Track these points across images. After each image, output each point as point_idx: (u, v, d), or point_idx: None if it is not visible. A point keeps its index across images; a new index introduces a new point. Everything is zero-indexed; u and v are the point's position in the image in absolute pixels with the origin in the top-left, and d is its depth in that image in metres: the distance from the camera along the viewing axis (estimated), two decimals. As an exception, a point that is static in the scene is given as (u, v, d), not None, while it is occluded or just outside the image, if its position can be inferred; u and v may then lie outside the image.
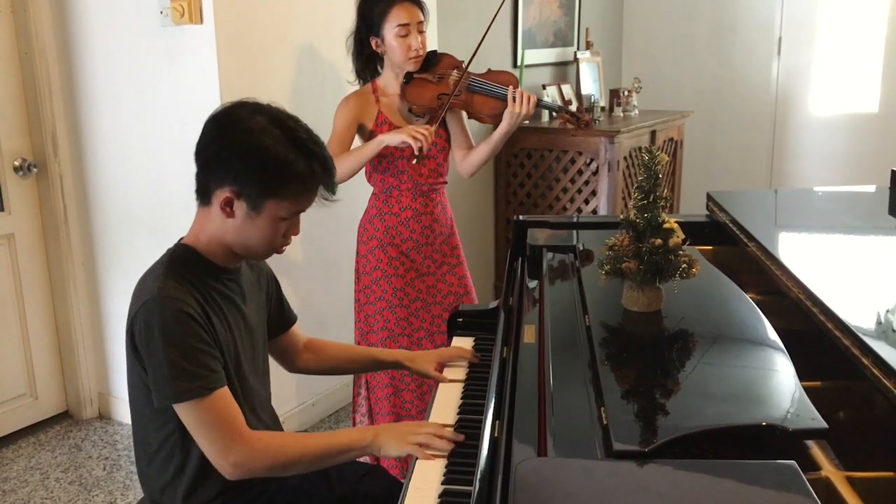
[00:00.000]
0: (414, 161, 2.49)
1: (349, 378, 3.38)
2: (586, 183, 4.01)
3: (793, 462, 0.96)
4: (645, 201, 1.43)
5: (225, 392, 1.47)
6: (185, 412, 1.45)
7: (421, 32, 2.52)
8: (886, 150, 4.82)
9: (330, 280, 3.34)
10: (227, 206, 1.49)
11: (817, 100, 5.10)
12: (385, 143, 2.46)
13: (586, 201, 4.03)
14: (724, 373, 1.24)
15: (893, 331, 1.26)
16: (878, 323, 1.31)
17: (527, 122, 3.63)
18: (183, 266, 1.52)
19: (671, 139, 4.62)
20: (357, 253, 2.70)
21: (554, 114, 2.71)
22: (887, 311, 1.36)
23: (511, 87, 2.52)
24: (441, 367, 1.91)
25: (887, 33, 4.80)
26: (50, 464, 3.03)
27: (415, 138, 2.40)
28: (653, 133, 4.33)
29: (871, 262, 1.72)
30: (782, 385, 1.18)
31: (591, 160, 3.96)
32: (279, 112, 1.52)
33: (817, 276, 1.46)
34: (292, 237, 1.59)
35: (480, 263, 4.19)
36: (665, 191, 1.45)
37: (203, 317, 1.47)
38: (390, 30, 2.49)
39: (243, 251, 1.57)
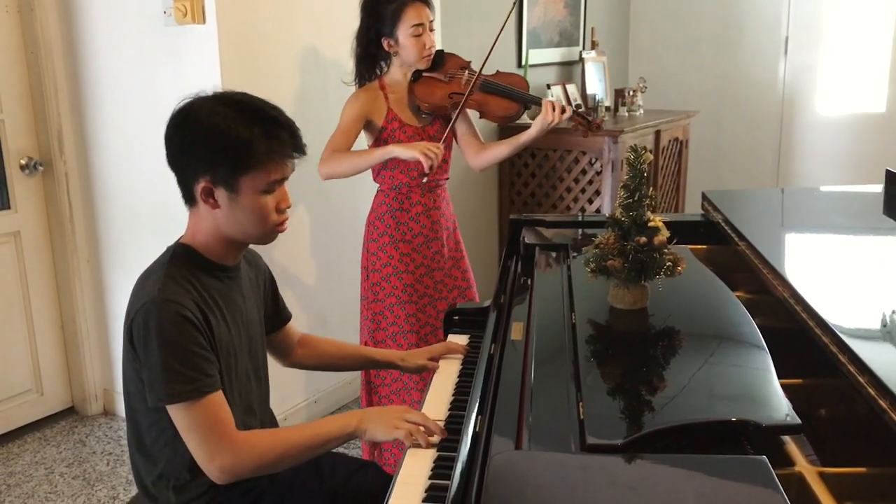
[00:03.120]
0: (423, 179, 2.53)
1: (351, 375, 3.41)
2: (590, 182, 4.02)
3: (763, 457, 0.97)
4: (630, 200, 1.44)
5: (218, 396, 1.48)
6: (177, 413, 1.46)
7: (432, 30, 2.57)
8: (893, 150, 4.80)
9: (332, 278, 3.36)
10: (209, 198, 1.52)
11: (824, 99, 5.08)
12: (394, 154, 2.47)
13: (590, 201, 4.03)
14: (704, 370, 1.24)
15: (871, 329, 1.27)
16: (859, 322, 1.31)
17: (530, 121, 3.65)
18: (183, 266, 1.54)
19: (676, 139, 4.62)
20: (366, 250, 2.71)
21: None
22: (869, 310, 1.37)
23: (546, 98, 2.56)
24: (434, 361, 1.95)
25: (894, 33, 4.78)
26: (55, 459, 3.07)
27: (426, 156, 2.41)
28: (657, 133, 4.33)
29: (859, 261, 1.72)
30: (760, 382, 1.19)
31: (595, 160, 3.97)
32: (227, 92, 1.55)
33: (802, 275, 1.46)
34: (287, 211, 1.58)
35: (484, 262, 4.20)
36: (651, 189, 1.46)
37: (201, 320, 1.49)
38: (405, 30, 2.51)
39: (244, 237, 1.58)
